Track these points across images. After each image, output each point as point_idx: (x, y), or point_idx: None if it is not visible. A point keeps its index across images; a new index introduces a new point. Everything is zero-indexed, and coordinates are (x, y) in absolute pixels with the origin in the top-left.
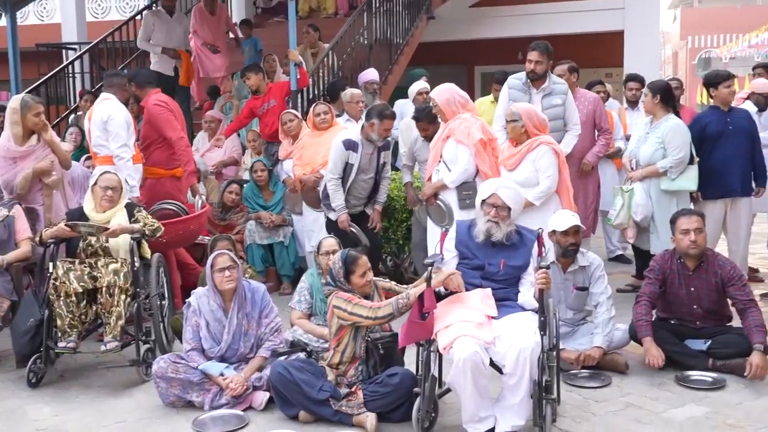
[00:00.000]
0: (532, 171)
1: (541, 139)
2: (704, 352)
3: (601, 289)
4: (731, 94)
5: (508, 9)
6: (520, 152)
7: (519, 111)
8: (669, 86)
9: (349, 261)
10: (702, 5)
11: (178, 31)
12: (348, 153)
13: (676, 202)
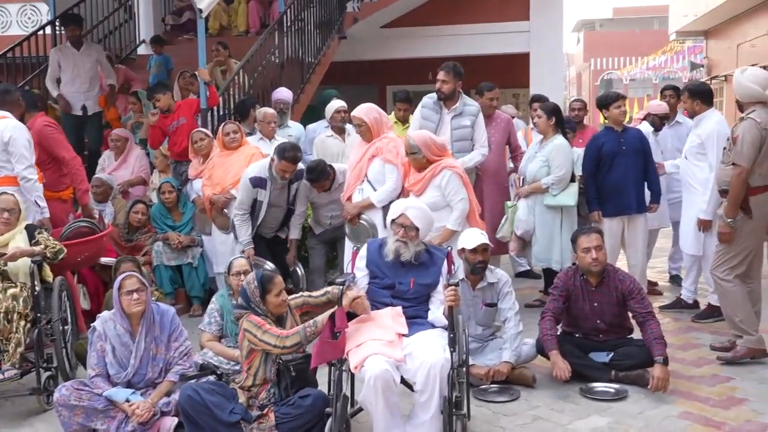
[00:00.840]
0: (437, 195)
1: (444, 164)
2: (607, 364)
3: (509, 304)
4: (622, 114)
5: (419, 30)
6: (425, 178)
7: (417, 143)
8: (559, 108)
9: (265, 280)
10: (604, 29)
11: (86, 65)
12: (256, 190)
13: (559, 218)
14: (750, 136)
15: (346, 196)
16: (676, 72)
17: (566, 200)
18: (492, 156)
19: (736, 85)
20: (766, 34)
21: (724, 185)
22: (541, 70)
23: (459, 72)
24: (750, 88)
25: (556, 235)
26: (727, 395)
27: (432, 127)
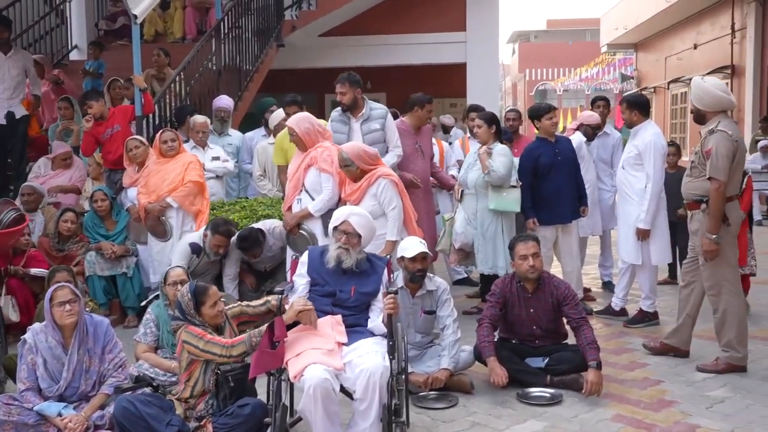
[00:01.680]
0: (374, 204)
1: (379, 172)
2: (543, 369)
3: (447, 312)
4: (553, 126)
5: (357, 39)
6: (361, 187)
7: (349, 155)
8: (497, 117)
9: (199, 292)
10: (538, 41)
11: (13, 72)
12: (192, 257)
13: (500, 224)
14: (724, 149)
15: (285, 207)
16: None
17: (511, 206)
18: (425, 166)
19: (701, 93)
20: (691, 48)
21: (692, 197)
22: (478, 80)
23: (355, 80)
24: (718, 96)
25: (499, 240)
26: (657, 398)
27: (344, 138)
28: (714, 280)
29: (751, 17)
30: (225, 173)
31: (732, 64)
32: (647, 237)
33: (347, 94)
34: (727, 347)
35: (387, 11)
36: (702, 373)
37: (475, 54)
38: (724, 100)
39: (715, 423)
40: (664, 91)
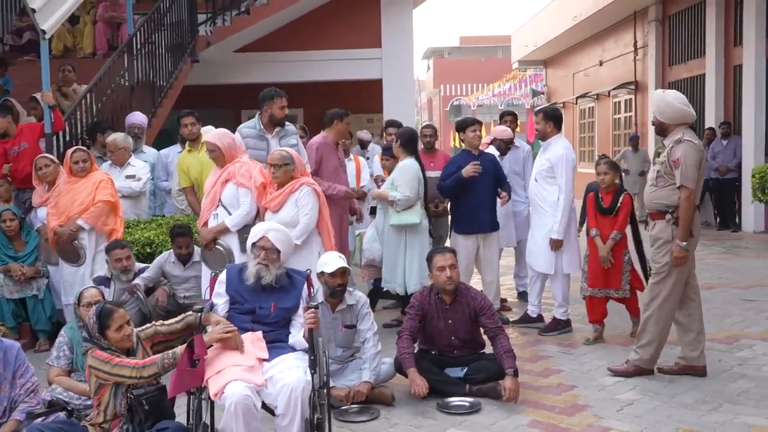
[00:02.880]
0: (295, 211)
1: (303, 180)
2: (462, 379)
3: (367, 325)
4: (477, 138)
5: (273, 55)
6: (284, 192)
7: (291, 155)
8: (414, 134)
9: (103, 315)
10: (452, 57)
11: None
12: (101, 287)
13: (404, 240)
14: (692, 159)
15: (201, 222)
16: (520, 98)
17: (410, 218)
18: (345, 180)
19: (664, 106)
20: (597, 65)
21: (657, 207)
22: (393, 96)
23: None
24: (682, 110)
25: (399, 257)
26: (571, 402)
27: (263, 154)
28: (659, 285)
29: (652, 35)
30: (130, 193)
31: (635, 80)
32: (560, 247)
33: (285, 108)
34: (640, 349)
35: (303, 27)
36: (613, 378)
37: (391, 70)
38: (686, 113)
39: (625, 425)
40: (573, 106)
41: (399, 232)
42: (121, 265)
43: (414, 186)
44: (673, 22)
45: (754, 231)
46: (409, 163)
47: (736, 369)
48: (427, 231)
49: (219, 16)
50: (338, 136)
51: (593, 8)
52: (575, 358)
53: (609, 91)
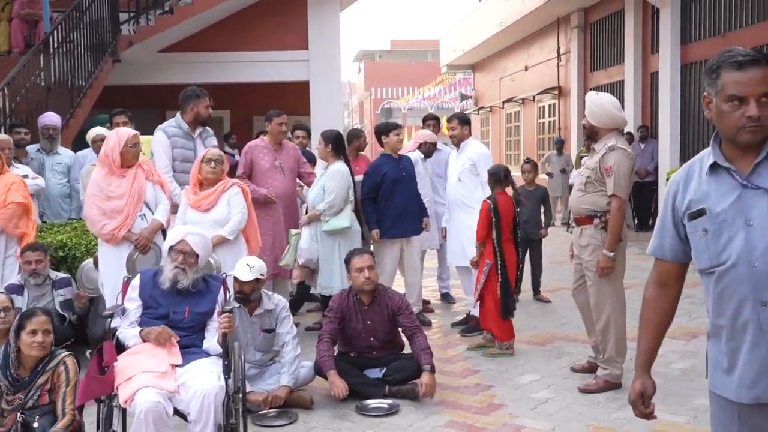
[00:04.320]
0: (228, 210)
1: (233, 181)
2: (381, 380)
3: (287, 329)
4: (399, 142)
5: (198, 55)
6: (216, 191)
7: (222, 154)
8: (339, 135)
9: (25, 315)
10: (383, 60)
11: None
12: (13, 296)
13: (338, 244)
14: (625, 168)
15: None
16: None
17: (340, 223)
18: (286, 182)
19: (597, 109)
20: (523, 70)
21: (585, 212)
22: (321, 98)
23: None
24: (614, 114)
25: (336, 261)
26: (488, 402)
27: (191, 153)
28: (600, 296)
29: (574, 42)
30: (37, 191)
31: (559, 86)
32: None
33: (209, 108)
34: (606, 365)
35: (228, 28)
36: (529, 376)
37: (318, 72)
38: (618, 118)
39: (539, 423)
40: (500, 110)
41: (333, 237)
42: (30, 268)
43: (343, 191)
44: (594, 30)
45: None
46: (339, 167)
47: None
48: (360, 234)
49: (142, 15)
50: (273, 137)
51: (518, 14)
52: (494, 357)
53: (534, 95)
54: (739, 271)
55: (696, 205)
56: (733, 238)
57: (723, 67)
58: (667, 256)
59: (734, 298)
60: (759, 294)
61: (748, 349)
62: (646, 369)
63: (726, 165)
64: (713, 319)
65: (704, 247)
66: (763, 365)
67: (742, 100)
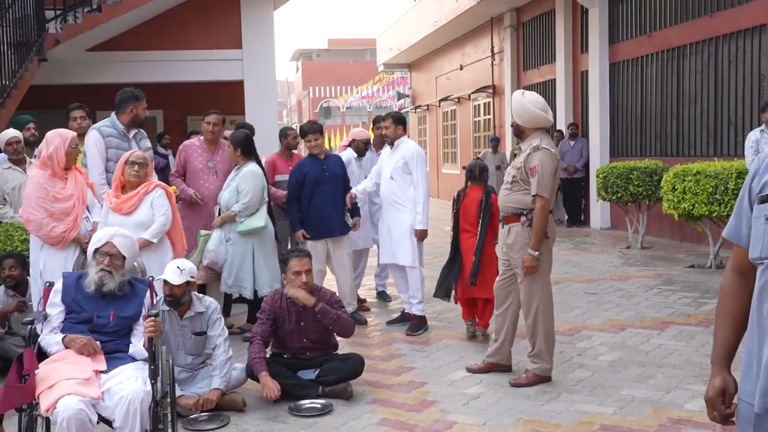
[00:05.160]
0: (151, 212)
1: (155, 182)
2: (314, 381)
3: (218, 331)
4: (317, 147)
5: (129, 54)
6: (139, 194)
7: (146, 157)
8: (248, 138)
9: None
10: (320, 59)
11: None
12: None
13: (252, 243)
14: (548, 167)
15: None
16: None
17: (255, 223)
18: (218, 184)
19: (520, 109)
20: (458, 69)
21: (511, 210)
22: (256, 98)
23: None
24: (538, 114)
25: (247, 262)
26: (421, 399)
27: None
28: (528, 292)
29: (507, 41)
30: None
31: (493, 84)
32: (425, 237)
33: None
34: (536, 358)
35: (160, 27)
36: (461, 372)
37: (253, 71)
38: (541, 117)
39: (470, 418)
40: (436, 109)
41: (247, 238)
42: None
43: (257, 191)
44: (526, 29)
45: (600, 227)
46: (252, 168)
47: (576, 359)
48: (273, 234)
49: (69, 13)
50: (206, 137)
51: (452, 14)
52: (428, 355)
53: (469, 94)
54: None
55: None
56: None
57: None
58: (744, 241)
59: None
60: None
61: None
62: (726, 365)
63: None
64: (752, 315)
65: (761, 234)
66: None
67: None
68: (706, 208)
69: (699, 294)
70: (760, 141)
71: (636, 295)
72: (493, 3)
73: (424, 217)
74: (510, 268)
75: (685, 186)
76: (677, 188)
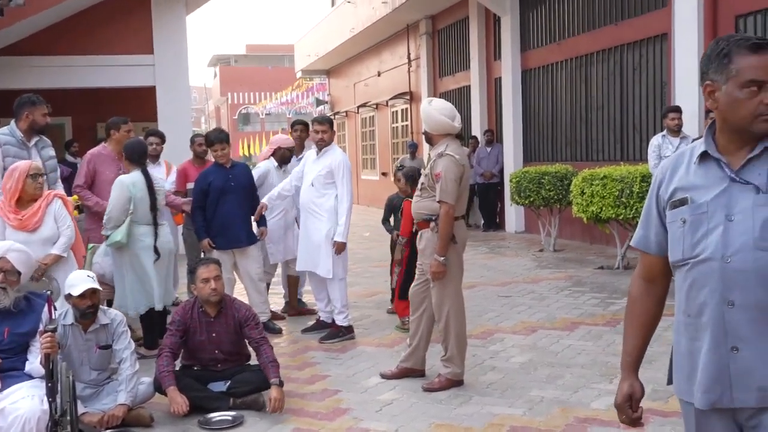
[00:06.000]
0: (55, 226)
1: (54, 192)
2: (225, 393)
3: (124, 345)
4: (222, 157)
5: (36, 59)
6: (41, 207)
7: (40, 167)
8: (134, 145)
9: None
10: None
11: None
12: None
13: (127, 258)
14: (452, 174)
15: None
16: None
17: (114, 237)
18: None
19: (426, 117)
20: (376, 75)
21: (422, 217)
22: (168, 104)
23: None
24: (442, 121)
25: (126, 279)
26: (334, 407)
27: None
28: (439, 297)
29: (423, 48)
30: None
31: (410, 91)
32: (344, 249)
33: (47, 116)
34: (448, 363)
35: (68, 31)
36: (376, 379)
37: (165, 77)
38: (447, 124)
39: (383, 424)
40: (355, 115)
41: (120, 253)
42: None
43: (119, 203)
44: (441, 37)
45: (515, 231)
46: (122, 178)
47: (488, 362)
48: (152, 249)
49: None
50: (118, 147)
51: (369, 21)
52: (342, 362)
53: (387, 100)
54: (710, 266)
55: (680, 194)
56: (711, 232)
57: (735, 51)
58: (653, 249)
59: (701, 295)
60: (727, 293)
61: (708, 350)
62: (634, 370)
63: (716, 156)
64: (678, 316)
65: (680, 237)
66: (721, 369)
67: (761, 86)
68: (613, 211)
69: (607, 294)
70: (662, 146)
71: (547, 297)
72: (409, 10)
73: (344, 230)
74: (424, 274)
75: (593, 190)
76: (585, 192)
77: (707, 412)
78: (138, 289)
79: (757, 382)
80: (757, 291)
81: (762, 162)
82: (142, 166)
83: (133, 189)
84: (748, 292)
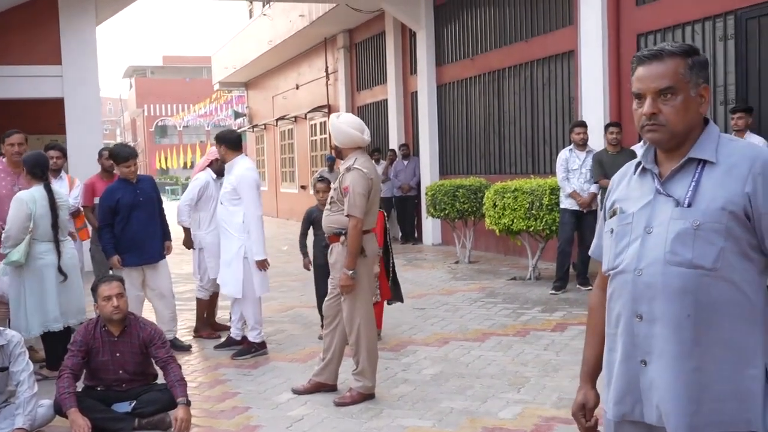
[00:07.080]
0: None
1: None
2: (130, 413)
3: (21, 366)
4: (131, 174)
5: None
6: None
7: None
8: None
9: None
10: (155, 76)
11: None
12: None
13: (24, 278)
14: (360, 187)
15: None
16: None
17: (12, 256)
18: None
19: (335, 131)
20: (294, 88)
21: (332, 231)
22: (78, 116)
23: None
24: (351, 134)
25: (22, 298)
26: (244, 425)
27: None
28: (349, 310)
29: (341, 62)
30: None
31: (328, 104)
32: (266, 267)
33: None
34: (359, 377)
35: None
36: (287, 394)
37: (74, 88)
38: (356, 137)
39: None
40: (274, 128)
41: (17, 273)
42: None
43: (18, 220)
44: (359, 50)
45: (432, 243)
46: (21, 195)
47: (400, 375)
48: (55, 268)
49: None
50: (9, 160)
51: (286, 34)
52: (254, 378)
53: (305, 113)
54: (625, 278)
55: (616, 205)
56: (632, 243)
57: (634, 64)
58: None
59: (617, 306)
60: (635, 305)
61: (620, 362)
62: (591, 379)
63: (649, 167)
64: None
65: (608, 247)
66: (631, 381)
67: (640, 97)
68: (524, 223)
69: (518, 305)
70: (569, 159)
71: (461, 308)
72: (326, 24)
73: (258, 247)
74: (336, 288)
75: (505, 202)
76: (498, 204)
77: (621, 424)
78: (35, 310)
79: (656, 400)
80: (664, 306)
81: (684, 174)
82: (45, 181)
83: (33, 206)
84: (654, 306)
